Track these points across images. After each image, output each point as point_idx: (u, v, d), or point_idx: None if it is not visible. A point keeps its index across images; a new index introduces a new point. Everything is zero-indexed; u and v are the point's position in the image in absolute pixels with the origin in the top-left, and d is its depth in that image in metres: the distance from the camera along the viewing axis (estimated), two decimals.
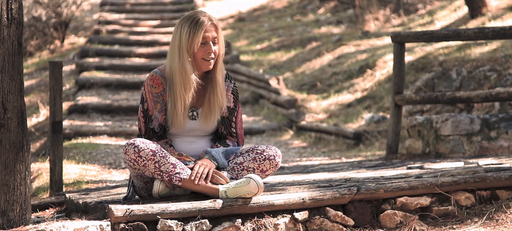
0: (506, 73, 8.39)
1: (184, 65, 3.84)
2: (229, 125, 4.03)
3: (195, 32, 3.83)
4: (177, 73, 3.86)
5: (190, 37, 3.83)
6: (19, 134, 3.60)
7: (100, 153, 8.28)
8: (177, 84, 3.87)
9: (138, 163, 3.79)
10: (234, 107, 4.03)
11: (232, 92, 4.02)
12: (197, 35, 3.83)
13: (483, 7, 11.58)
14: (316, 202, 3.91)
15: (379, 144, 8.70)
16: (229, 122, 4.03)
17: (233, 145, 4.02)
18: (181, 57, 3.85)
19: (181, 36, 3.85)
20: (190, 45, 3.84)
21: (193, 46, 3.84)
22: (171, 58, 3.88)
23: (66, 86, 12.36)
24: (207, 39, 3.85)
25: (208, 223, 3.67)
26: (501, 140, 6.62)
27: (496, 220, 4.04)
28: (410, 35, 6.90)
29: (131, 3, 17.76)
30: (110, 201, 4.02)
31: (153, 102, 3.90)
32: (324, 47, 13.48)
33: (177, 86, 3.87)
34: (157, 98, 3.90)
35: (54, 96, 5.38)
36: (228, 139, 4.03)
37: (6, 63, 3.57)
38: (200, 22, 3.84)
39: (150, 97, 3.90)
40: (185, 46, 3.84)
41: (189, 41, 3.84)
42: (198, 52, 3.86)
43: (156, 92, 3.90)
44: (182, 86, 3.86)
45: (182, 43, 3.85)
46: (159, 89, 3.90)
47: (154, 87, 3.90)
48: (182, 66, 3.84)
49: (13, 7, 3.58)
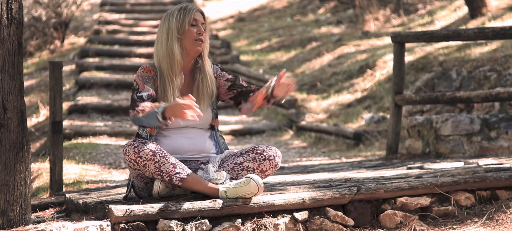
0: (506, 73, 8.39)
1: (171, 46, 3.92)
2: (240, 86, 4.09)
3: (185, 13, 3.94)
4: (165, 56, 3.94)
5: (181, 19, 3.94)
6: (19, 134, 3.60)
7: (100, 153, 8.28)
8: (165, 68, 3.94)
9: (138, 163, 3.79)
10: (233, 76, 4.12)
11: (221, 70, 4.12)
12: (188, 15, 3.94)
13: (483, 7, 11.58)
14: (316, 202, 3.91)
15: (379, 144, 8.70)
16: (239, 85, 4.09)
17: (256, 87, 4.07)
18: (169, 39, 3.94)
19: (171, 21, 3.95)
20: (181, 25, 3.94)
21: (184, 25, 3.93)
22: (159, 45, 3.98)
23: (66, 86, 12.36)
24: (197, 22, 3.95)
25: (208, 223, 3.67)
26: (501, 140, 6.62)
27: (496, 220, 4.04)
28: (410, 35, 6.90)
29: (131, 3, 17.76)
30: (110, 201, 4.02)
31: (142, 81, 3.94)
32: (324, 47, 13.48)
33: (164, 70, 3.94)
34: (147, 79, 3.95)
35: (54, 96, 5.38)
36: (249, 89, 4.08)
37: (6, 63, 3.58)
38: (190, 7, 3.98)
39: (139, 79, 3.95)
40: (175, 27, 3.93)
41: (180, 22, 3.94)
42: (189, 33, 3.94)
43: (146, 76, 3.96)
44: (170, 67, 3.93)
45: (172, 25, 3.94)
46: (150, 74, 3.96)
47: (145, 72, 3.97)
48: (169, 48, 3.93)
49: (13, 7, 3.59)
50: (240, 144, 9.50)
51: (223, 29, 16.81)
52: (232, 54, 13.36)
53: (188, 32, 3.94)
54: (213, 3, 19.49)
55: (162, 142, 3.95)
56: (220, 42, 13.64)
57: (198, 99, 3.97)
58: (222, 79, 4.09)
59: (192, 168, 3.96)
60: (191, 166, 3.97)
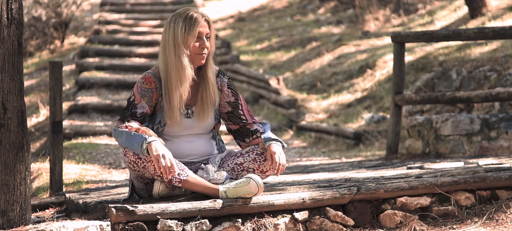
0: (506, 73, 8.39)
1: (181, 59, 3.85)
2: (238, 119, 4.03)
3: (191, 26, 3.86)
4: (174, 68, 3.87)
5: (186, 31, 3.86)
6: (19, 134, 3.60)
7: (100, 153, 8.27)
8: (173, 79, 3.87)
9: (138, 165, 3.79)
10: (235, 101, 4.04)
11: (228, 86, 4.04)
12: (193, 29, 3.85)
13: (483, 7, 11.58)
14: (316, 202, 3.91)
15: (379, 144, 8.70)
16: (238, 116, 4.03)
17: (260, 126, 4.02)
18: (177, 52, 3.86)
19: (176, 31, 3.87)
20: (186, 40, 3.86)
21: (189, 41, 3.86)
22: (166, 55, 3.89)
23: (66, 86, 12.36)
24: (201, 35, 3.88)
25: (208, 223, 3.67)
26: (501, 140, 6.62)
27: (496, 220, 4.04)
28: (410, 35, 6.90)
29: (131, 3, 17.76)
30: (110, 201, 4.02)
31: (140, 94, 3.90)
32: (324, 47, 13.48)
33: (173, 81, 3.88)
34: (146, 93, 3.90)
35: (54, 96, 5.38)
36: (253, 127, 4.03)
37: (6, 63, 3.57)
38: (195, 18, 3.87)
39: (137, 91, 3.90)
40: (182, 41, 3.86)
41: (185, 36, 3.86)
42: (193, 47, 3.87)
43: (146, 88, 3.90)
44: (178, 80, 3.87)
45: (178, 38, 3.86)
46: (150, 86, 3.91)
47: (145, 84, 3.91)
48: (179, 60, 3.86)
49: (13, 7, 3.58)
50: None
51: (223, 29, 16.81)
52: (232, 54, 13.36)
53: (192, 47, 3.88)
54: (213, 3, 19.49)
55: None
56: (220, 42, 13.64)
57: (203, 109, 3.95)
58: (225, 99, 4.03)
59: (192, 168, 3.95)
60: (191, 167, 3.97)
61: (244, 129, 4.04)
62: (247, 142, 4.03)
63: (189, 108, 3.97)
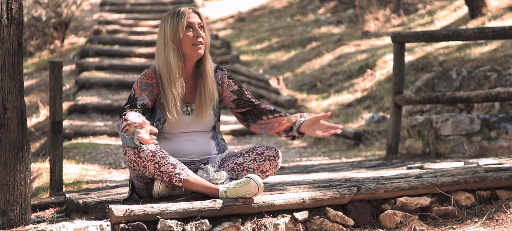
0: (506, 73, 8.39)
1: (167, 56, 3.87)
2: (248, 102, 4.03)
3: (179, 19, 3.88)
4: (163, 66, 3.90)
5: (175, 25, 3.88)
6: (19, 134, 3.60)
7: (100, 153, 8.28)
8: (164, 76, 3.90)
9: (138, 164, 3.79)
10: (239, 88, 4.04)
11: (228, 77, 4.05)
12: (181, 20, 3.87)
13: (483, 7, 11.58)
14: (316, 202, 3.91)
15: (379, 144, 8.70)
16: (247, 100, 4.03)
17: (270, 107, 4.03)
18: (166, 48, 3.89)
19: (165, 29, 3.90)
20: (175, 33, 3.88)
21: (178, 33, 3.88)
22: (158, 53, 3.93)
23: (66, 86, 12.36)
24: (192, 25, 3.90)
25: (208, 223, 3.67)
26: (501, 140, 6.62)
27: (496, 220, 4.04)
28: (410, 35, 6.90)
29: (131, 3, 17.76)
30: (110, 201, 4.02)
31: (140, 88, 3.91)
32: (324, 47, 13.48)
33: (164, 79, 3.90)
34: (146, 87, 3.91)
35: (54, 96, 5.38)
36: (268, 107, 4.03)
37: (6, 63, 3.58)
38: (182, 11, 3.90)
39: (138, 85, 3.92)
40: (170, 36, 3.88)
41: (174, 29, 3.88)
42: (185, 38, 3.89)
43: (146, 82, 3.92)
44: (168, 77, 3.89)
45: (167, 34, 3.89)
46: (150, 81, 3.92)
47: (146, 79, 3.93)
48: (165, 58, 3.88)
49: (13, 7, 3.59)
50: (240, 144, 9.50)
51: (223, 29, 16.82)
52: (232, 54, 13.35)
53: (184, 38, 3.88)
54: (213, 3, 19.49)
55: (164, 144, 3.94)
56: (220, 42, 13.64)
57: (201, 106, 3.95)
58: (228, 89, 4.03)
59: (192, 168, 3.96)
60: (191, 166, 3.97)
61: (257, 109, 4.03)
62: (265, 120, 4.01)
63: (188, 105, 3.97)
